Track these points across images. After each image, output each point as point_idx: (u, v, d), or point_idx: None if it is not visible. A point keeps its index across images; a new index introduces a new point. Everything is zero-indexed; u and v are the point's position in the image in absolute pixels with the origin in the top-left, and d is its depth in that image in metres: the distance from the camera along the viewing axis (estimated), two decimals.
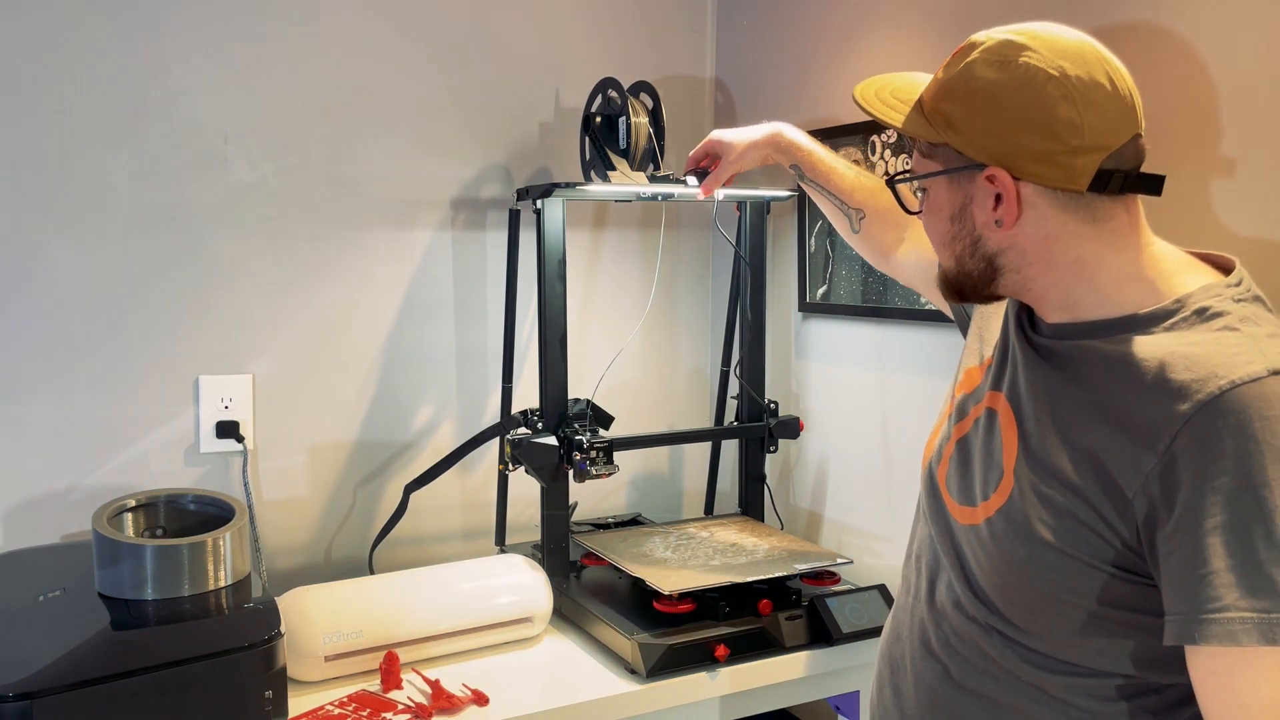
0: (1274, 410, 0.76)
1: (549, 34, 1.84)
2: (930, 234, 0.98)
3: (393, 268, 1.74)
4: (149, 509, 1.34)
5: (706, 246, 2.05)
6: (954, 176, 0.92)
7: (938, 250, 0.98)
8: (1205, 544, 0.76)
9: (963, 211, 0.92)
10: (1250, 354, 0.79)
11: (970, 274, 0.94)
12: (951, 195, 0.93)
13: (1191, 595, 0.76)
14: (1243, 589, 0.74)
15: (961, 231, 0.93)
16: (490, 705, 1.29)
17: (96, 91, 1.50)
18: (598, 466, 1.52)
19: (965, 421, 1.01)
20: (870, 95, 1.00)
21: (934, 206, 0.96)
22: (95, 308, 1.53)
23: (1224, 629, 0.74)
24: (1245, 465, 0.75)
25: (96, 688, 1.06)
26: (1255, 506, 0.74)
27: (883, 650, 1.07)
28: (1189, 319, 0.84)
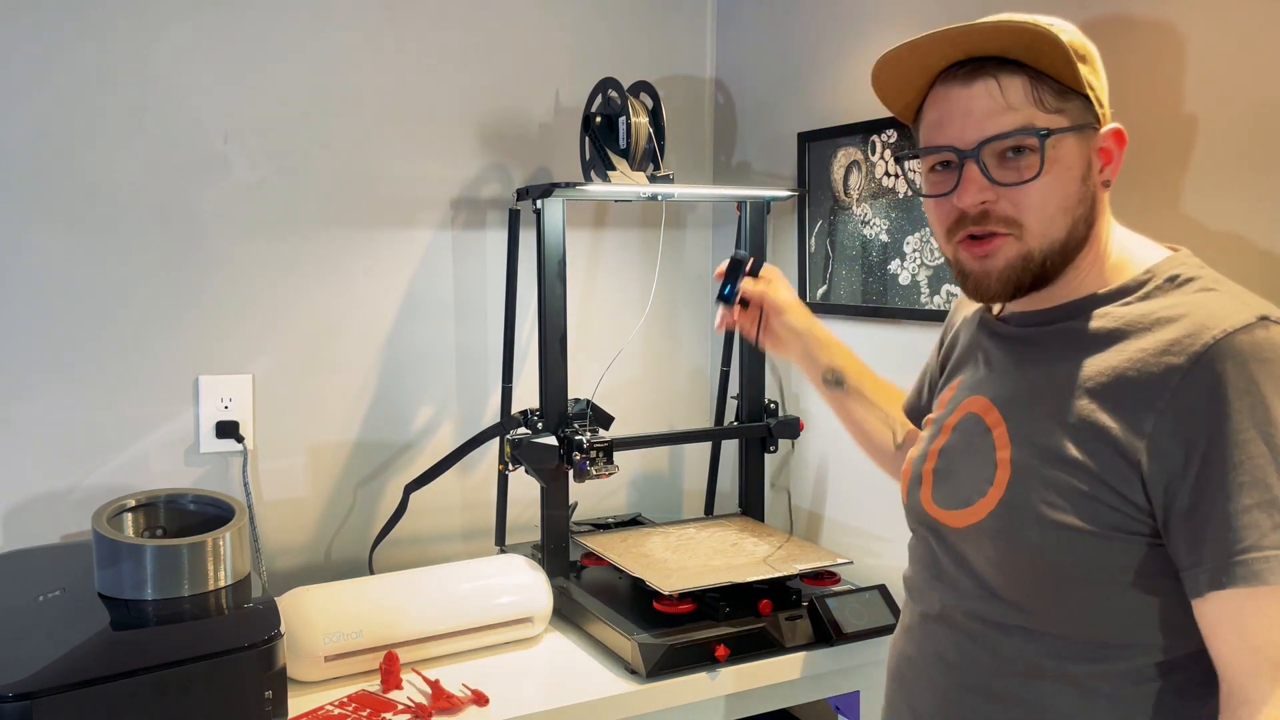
0: (1267, 353, 0.78)
1: (549, 34, 1.84)
2: (1044, 202, 0.87)
3: (393, 268, 1.74)
4: (149, 509, 1.34)
5: (706, 246, 2.05)
6: (1084, 133, 0.89)
7: (1046, 221, 0.88)
8: (1221, 491, 0.77)
9: (1089, 171, 0.89)
10: (1234, 306, 0.81)
11: (1069, 246, 0.89)
12: (1082, 153, 0.88)
13: (1216, 542, 0.78)
14: (1265, 528, 0.76)
15: (1086, 193, 0.89)
16: (490, 705, 1.29)
17: (96, 91, 1.50)
18: (598, 466, 1.52)
19: (941, 436, 1.01)
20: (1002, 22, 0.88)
21: (1060, 166, 0.87)
22: (95, 308, 1.53)
23: (1250, 570, 0.76)
24: (1249, 410, 0.77)
25: (96, 688, 1.05)
26: (1265, 447, 0.76)
27: (893, 672, 1.06)
28: (1162, 286, 0.87)
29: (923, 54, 0.91)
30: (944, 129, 0.90)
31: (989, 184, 0.88)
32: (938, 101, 0.91)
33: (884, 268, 1.62)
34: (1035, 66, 0.87)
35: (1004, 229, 0.89)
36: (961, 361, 1.06)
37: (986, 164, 0.88)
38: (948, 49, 0.89)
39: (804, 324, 1.28)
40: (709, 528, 1.72)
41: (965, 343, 1.06)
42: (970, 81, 0.88)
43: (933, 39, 0.89)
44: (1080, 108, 0.88)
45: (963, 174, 0.89)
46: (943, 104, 0.91)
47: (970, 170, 0.88)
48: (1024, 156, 0.87)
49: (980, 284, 0.91)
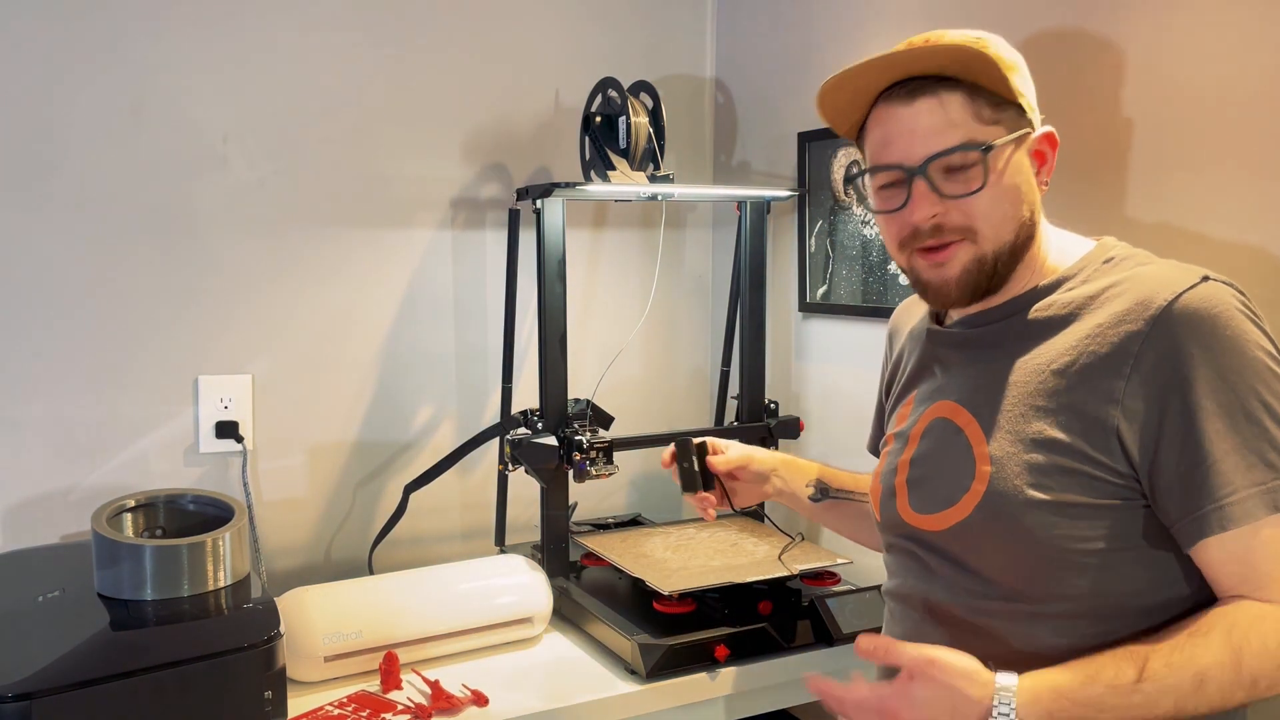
0: (1218, 307, 0.83)
1: (549, 34, 1.84)
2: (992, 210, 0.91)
3: (393, 268, 1.74)
4: (148, 509, 1.34)
5: (706, 246, 2.05)
6: (1021, 140, 0.92)
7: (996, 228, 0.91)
8: (1197, 442, 0.82)
9: (1029, 176, 0.93)
10: (1175, 272, 0.87)
11: (1018, 248, 0.93)
12: (1021, 160, 0.92)
13: (1203, 491, 0.82)
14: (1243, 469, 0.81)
15: (1029, 196, 0.93)
16: (490, 706, 1.29)
17: (96, 91, 1.50)
18: (598, 466, 1.52)
19: (909, 446, 1.02)
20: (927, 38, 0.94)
21: (1006, 175, 0.90)
22: (94, 308, 1.53)
23: (1242, 509, 0.80)
24: (1210, 361, 0.82)
25: (96, 688, 1.05)
26: (1230, 394, 0.81)
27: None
28: (1100, 268, 0.92)
29: (863, 77, 0.94)
30: (890, 147, 0.93)
31: (938, 198, 0.91)
32: (881, 120, 0.95)
33: (884, 268, 1.62)
34: (971, 81, 0.91)
35: (958, 236, 0.92)
36: (915, 376, 1.07)
37: (934, 179, 0.91)
38: (887, 71, 0.93)
39: (770, 464, 1.28)
40: (709, 528, 1.72)
41: (916, 357, 1.08)
42: (912, 100, 0.91)
43: (873, 64, 0.91)
44: (1014, 116, 0.92)
45: (912, 190, 0.92)
46: (886, 123, 0.94)
47: (919, 186, 0.91)
48: (969, 169, 0.90)
49: (940, 291, 0.95)
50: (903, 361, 1.12)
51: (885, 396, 1.18)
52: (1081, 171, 1.28)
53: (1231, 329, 0.82)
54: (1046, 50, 1.33)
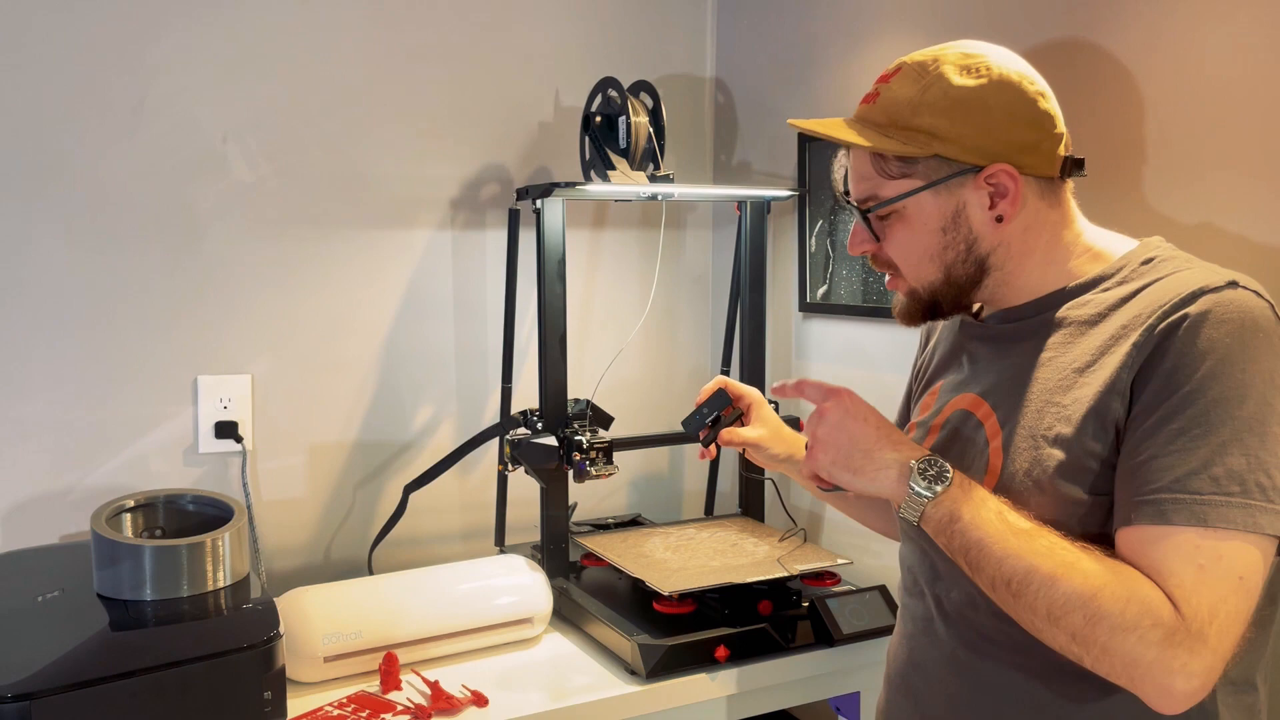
0: (1235, 314, 0.82)
1: (549, 34, 1.84)
2: (907, 255, 0.97)
3: (392, 268, 1.73)
4: (148, 509, 1.34)
5: (706, 246, 2.05)
6: (940, 188, 0.94)
7: (918, 268, 0.97)
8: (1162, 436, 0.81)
9: (956, 219, 0.95)
10: (1205, 275, 0.86)
11: (958, 282, 0.97)
12: (940, 206, 0.95)
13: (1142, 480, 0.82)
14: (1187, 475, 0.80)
15: (955, 239, 0.95)
16: (490, 706, 1.29)
17: (95, 91, 1.50)
18: (597, 467, 1.52)
19: (929, 436, 1.03)
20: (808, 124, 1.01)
21: (915, 223, 0.96)
22: (94, 308, 1.53)
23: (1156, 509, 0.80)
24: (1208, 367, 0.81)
25: (95, 688, 1.05)
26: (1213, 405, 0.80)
27: (896, 682, 1.05)
28: (1138, 270, 0.92)
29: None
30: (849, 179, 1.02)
31: (870, 237, 0.99)
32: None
33: None
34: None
35: (890, 271, 1.00)
36: (943, 366, 1.08)
37: (870, 220, 0.98)
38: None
39: (785, 452, 1.28)
40: (709, 528, 1.72)
41: (947, 348, 1.09)
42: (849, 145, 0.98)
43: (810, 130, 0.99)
44: (935, 164, 0.93)
45: (854, 224, 1.01)
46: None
47: (857, 223, 1.00)
48: (887, 218, 0.97)
49: (896, 311, 1.03)
50: (934, 350, 1.13)
51: (914, 382, 1.18)
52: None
53: (1241, 338, 0.81)
54: (1063, 50, 1.33)
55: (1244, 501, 0.78)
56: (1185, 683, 0.77)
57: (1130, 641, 0.77)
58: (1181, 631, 0.77)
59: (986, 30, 1.41)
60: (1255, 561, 0.79)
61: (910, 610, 1.05)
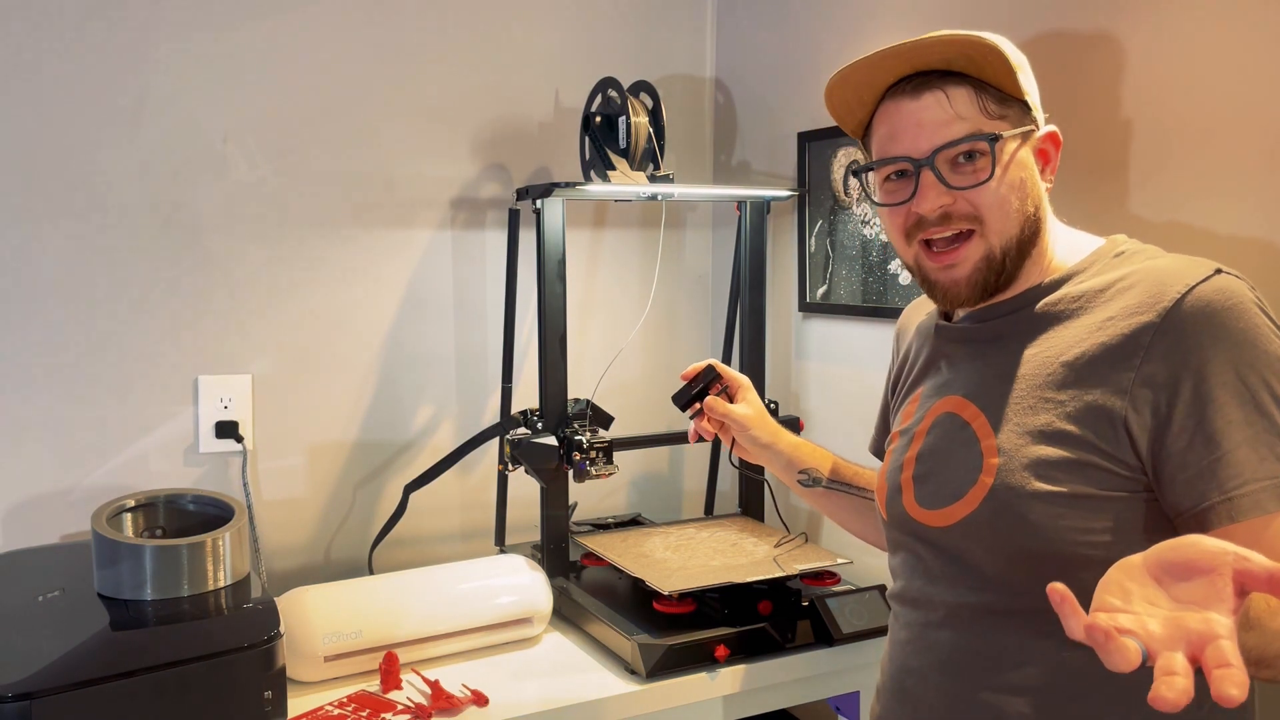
0: (1232, 299, 0.83)
1: (549, 34, 1.84)
2: (997, 203, 0.91)
3: (392, 268, 1.74)
4: (148, 509, 1.34)
5: (706, 246, 2.05)
6: (1025, 138, 0.94)
7: (1001, 221, 0.92)
8: (1209, 434, 0.81)
9: (1033, 172, 0.95)
10: (1188, 265, 0.87)
11: (1025, 243, 0.94)
12: (1025, 155, 0.94)
13: (1212, 483, 0.81)
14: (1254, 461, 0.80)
15: (1035, 192, 0.94)
16: (490, 706, 1.29)
17: (96, 91, 1.50)
18: (597, 466, 1.52)
19: (915, 442, 1.02)
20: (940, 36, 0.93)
21: (1010, 168, 0.92)
22: (94, 307, 1.53)
23: (1252, 501, 0.80)
24: (1223, 353, 0.81)
25: (96, 688, 1.05)
26: (1243, 386, 0.81)
27: (891, 688, 1.04)
28: (1109, 262, 0.92)
29: (871, 71, 0.95)
30: (897, 141, 0.95)
31: (945, 189, 0.92)
32: (888, 115, 0.96)
33: (884, 268, 1.62)
34: (978, 77, 0.93)
35: (967, 225, 0.93)
36: (922, 372, 1.07)
37: (941, 170, 0.92)
38: (895, 64, 0.94)
39: (768, 437, 1.27)
40: (709, 528, 1.72)
41: (924, 355, 1.08)
42: (919, 94, 0.93)
43: (882, 55, 0.93)
44: (1019, 113, 0.94)
45: (920, 181, 0.93)
46: (894, 117, 0.95)
47: (927, 177, 0.93)
48: (976, 161, 0.92)
49: (949, 291, 0.96)
50: (910, 358, 1.12)
51: (891, 395, 1.18)
52: (1087, 170, 1.28)
53: (1245, 321, 0.82)
54: (1050, 48, 1.33)
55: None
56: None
57: None
58: None
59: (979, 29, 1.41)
60: None
61: (903, 618, 1.03)
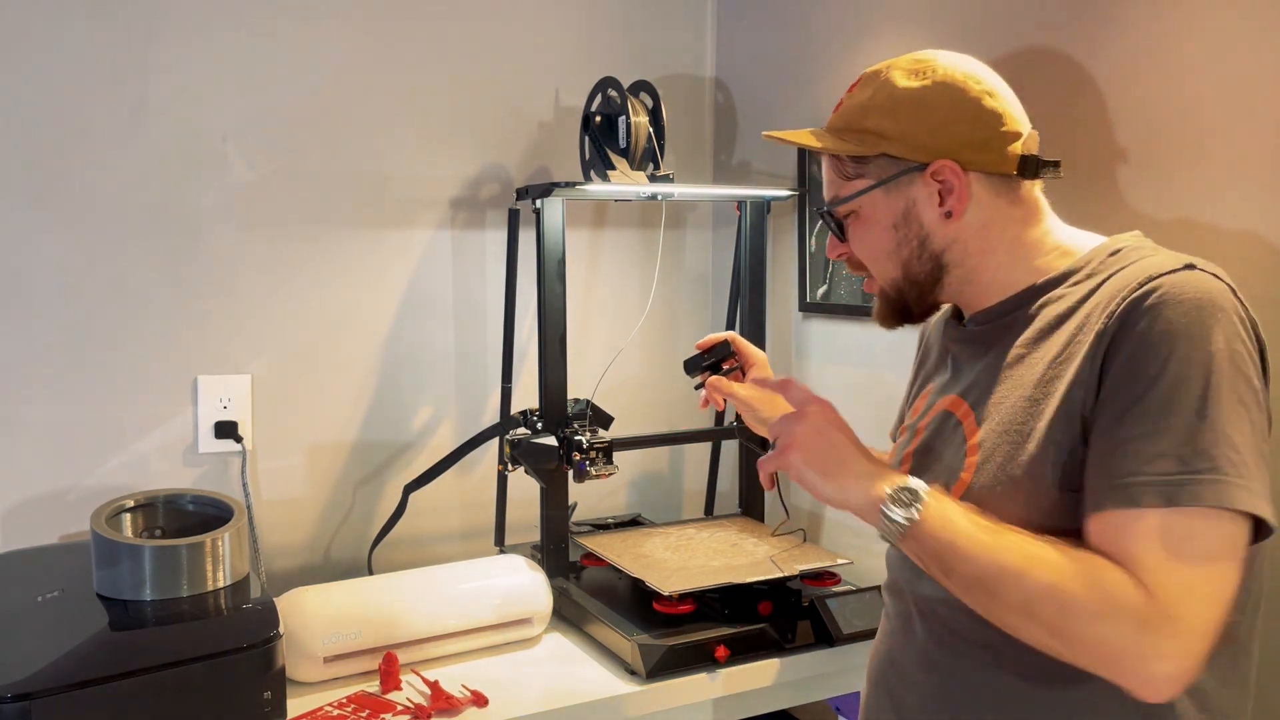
0: (1189, 293, 0.82)
1: (549, 34, 1.84)
2: (867, 253, 1.02)
3: (392, 267, 1.73)
4: (147, 509, 1.34)
5: (706, 246, 2.05)
6: (890, 186, 0.98)
7: (879, 266, 1.01)
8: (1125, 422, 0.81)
9: (906, 215, 0.98)
10: (1165, 260, 0.87)
11: (917, 279, 0.99)
12: (890, 204, 0.98)
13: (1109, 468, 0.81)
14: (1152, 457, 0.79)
15: (908, 235, 0.98)
16: (490, 706, 1.29)
17: (96, 91, 1.50)
18: (597, 467, 1.52)
19: (915, 438, 1.04)
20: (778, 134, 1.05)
21: (870, 222, 1.00)
22: (93, 308, 1.53)
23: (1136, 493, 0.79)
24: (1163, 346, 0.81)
25: (95, 688, 1.05)
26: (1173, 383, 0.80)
27: (875, 678, 1.07)
28: (1105, 262, 0.92)
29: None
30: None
31: (839, 241, 1.04)
32: None
33: None
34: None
35: (863, 273, 1.05)
36: (932, 370, 1.10)
37: (838, 223, 1.03)
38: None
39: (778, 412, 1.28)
40: (709, 528, 1.72)
41: (936, 351, 1.11)
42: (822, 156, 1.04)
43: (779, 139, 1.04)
44: (884, 163, 0.97)
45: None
46: None
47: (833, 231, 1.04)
48: (848, 218, 1.02)
49: (874, 314, 1.07)
50: (927, 354, 1.15)
51: (910, 387, 1.19)
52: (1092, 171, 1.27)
53: (1198, 317, 0.81)
54: (1048, 51, 1.33)
55: (1213, 478, 0.77)
56: (1162, 666, 0.76)
57: (1103, 629, 0.77)
58: (1155, 615, 0.76)
59: (980, 32, 1.41)
60: (1229, 539, 0.78)
61: (893, 609, 1.06)
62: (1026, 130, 0.97)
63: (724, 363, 1.33)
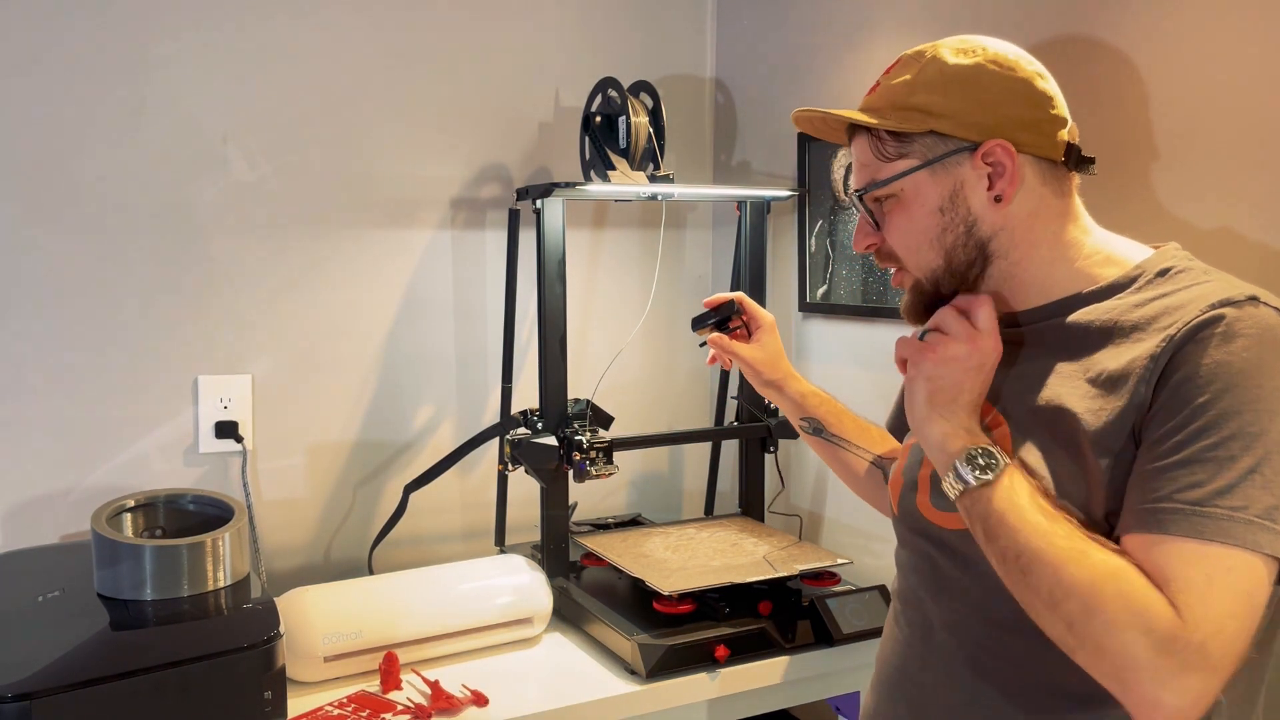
0: (1255, 329, 0.80)
1: (549, 34, 1.84)
2: (907, 240, 0.95)
3: (392, 268, 1.73)
4: (148, 509, 1.34)
5: (706, 246, 2.05)
6: (936, 167, 0.92)
7: (919, 255, 0.95)
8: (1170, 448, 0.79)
9: (954, 198, 0.92)
10: (1226, 287, 0.84)
11: (960, 269, 0.94)
12: (937, 185, 0.93)
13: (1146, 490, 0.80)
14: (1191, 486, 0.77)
15: (954, 220, 0.93)
16: (490, 706, 1.29)
17: (96, 91, 1.50)
18: (597, 467, 1.52)
19: None
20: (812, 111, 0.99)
21: (913, 205, 0.94)
22: (94, 308, 1.53)
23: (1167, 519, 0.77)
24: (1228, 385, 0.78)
25: (95, 688, 1.05)
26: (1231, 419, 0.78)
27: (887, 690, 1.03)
28: (1154, 280, 0.89)
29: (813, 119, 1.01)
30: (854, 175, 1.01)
31: (872, 229, 0.98)
32: None
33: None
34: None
35: (893, 264, 0.99)
36: None
37: (872, 209, 0.97)
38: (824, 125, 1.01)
39: (777, 377, 1.32)
40: (709, 528, 1.72)
41: None
42: (855, 135, 0.98)
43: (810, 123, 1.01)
44: (930, 142, 0.92)
45: (859, 219, 1.00)
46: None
47: (860, 217, 0.99)
48: (884, 204, 0.96)
49: (903, 308, 1.00)
50: None
51: None
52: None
53: (1259, 356, 0.79)
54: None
55: (1247, 519, 0.75)
56: (1176, 697, 0.73)
57: (1124, 640, 0.74)
58: (1181, 640, 0.73)
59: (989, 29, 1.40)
60: (1261, 581, 0.76)
61: (907, 617, 1.02)
62: (1069, 119, 0.93)
63: (730, 321, 1.33)
